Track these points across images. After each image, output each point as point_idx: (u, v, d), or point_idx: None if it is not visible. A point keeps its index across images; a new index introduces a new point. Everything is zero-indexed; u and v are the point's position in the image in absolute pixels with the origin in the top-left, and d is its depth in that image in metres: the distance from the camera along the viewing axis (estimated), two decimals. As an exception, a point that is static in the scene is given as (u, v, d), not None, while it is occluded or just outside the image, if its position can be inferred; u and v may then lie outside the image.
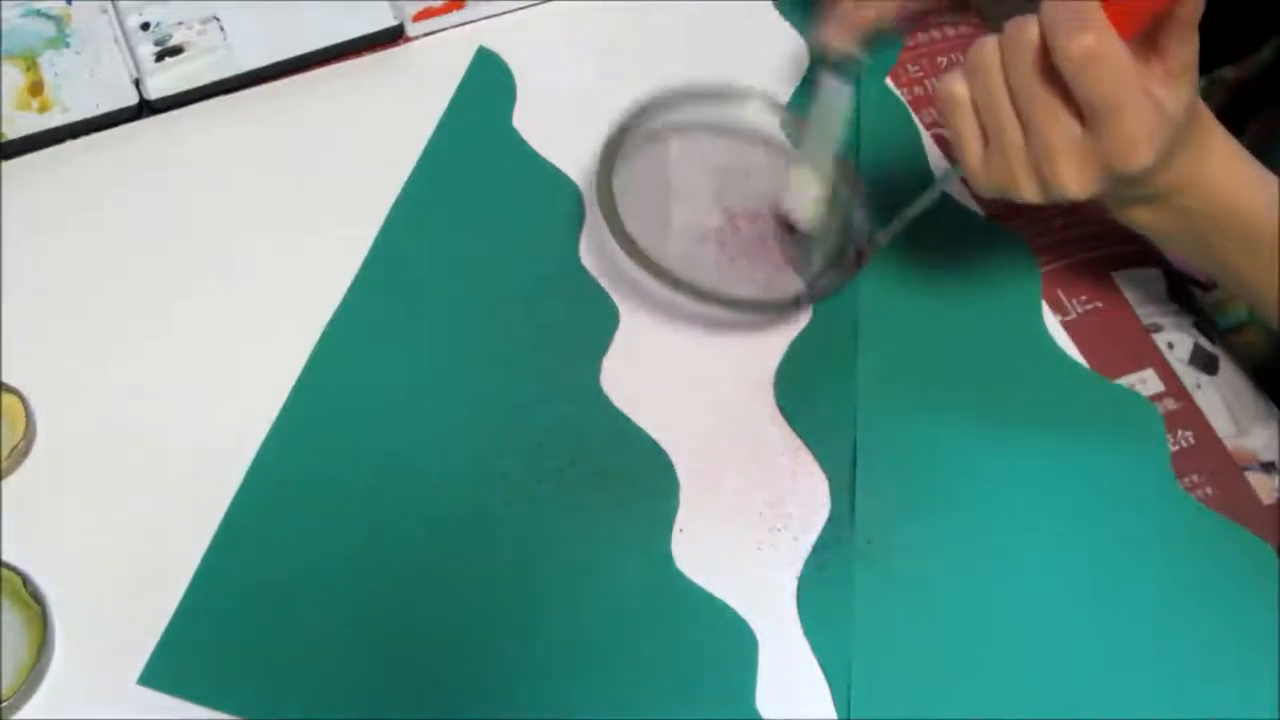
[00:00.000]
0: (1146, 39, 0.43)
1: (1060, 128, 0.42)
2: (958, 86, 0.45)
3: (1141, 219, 0.49)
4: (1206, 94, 0.75)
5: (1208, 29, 0.44)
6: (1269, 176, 0.48)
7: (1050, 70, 0.41)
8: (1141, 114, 0.41)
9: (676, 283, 0.53)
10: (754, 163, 0.60)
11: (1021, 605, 0.50)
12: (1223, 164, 0.47)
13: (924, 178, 0.62)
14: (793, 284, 0.57)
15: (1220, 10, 0.48)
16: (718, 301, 0.53)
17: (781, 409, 0.54)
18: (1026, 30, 0.42)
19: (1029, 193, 0.45)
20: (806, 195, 0.57)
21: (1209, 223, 0.48)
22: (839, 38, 0.55)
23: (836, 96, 0.55)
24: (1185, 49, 0.43)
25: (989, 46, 0.43)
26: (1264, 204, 0.47)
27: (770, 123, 0.59)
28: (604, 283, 0.57)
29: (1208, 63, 0.73)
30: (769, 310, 0.56)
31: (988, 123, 0.44)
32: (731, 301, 0.54)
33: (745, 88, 0.59)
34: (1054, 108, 0.42)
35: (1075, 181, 0.43)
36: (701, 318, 0.56)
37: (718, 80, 0.59)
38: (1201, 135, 0.46)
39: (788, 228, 0.58)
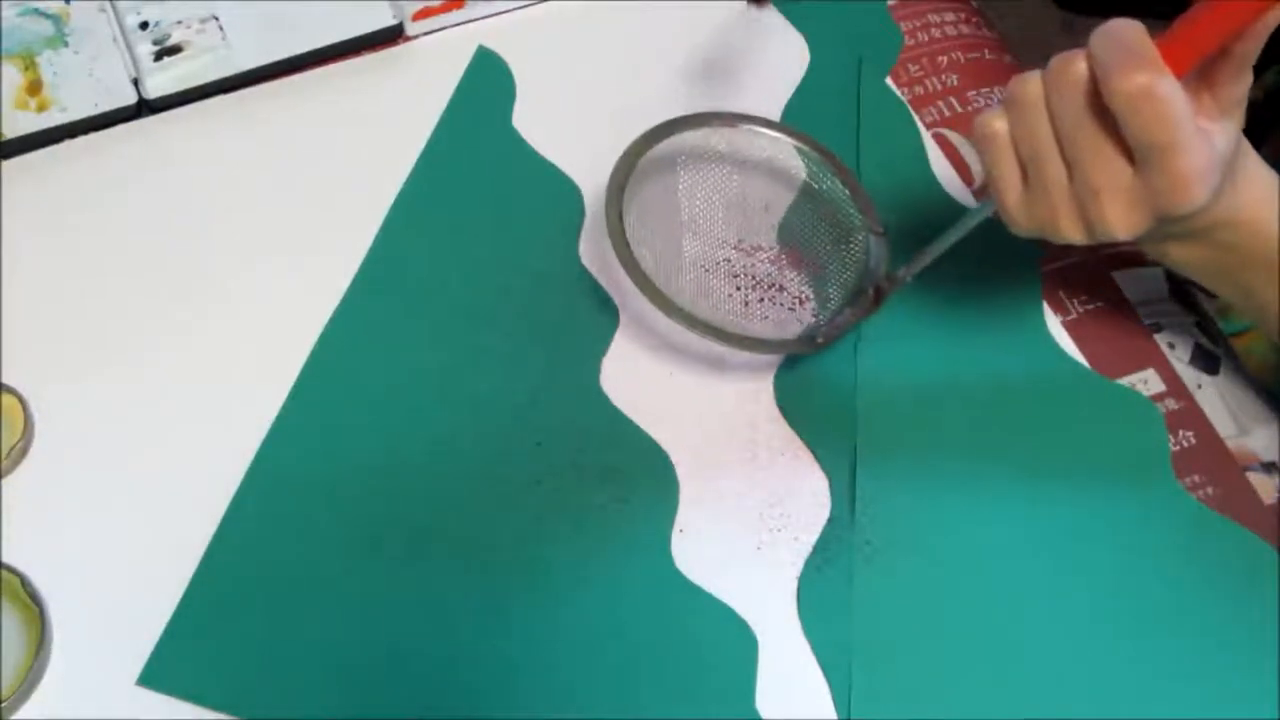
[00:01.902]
0: (1200, 74, 0.41)
1: (1109, 167, 0.41)
2: (997, 122, 0.43)
3: (1176, 255, 0.47)
4: None
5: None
6: None
7: (1099, 107, 0.40)
8: (1195, 154, 0.40)
9: (694, 323, 0.51)
10: (767, 194, 0.59)
11: (1021, 605, 0.50)
12: (1261, 196, 0.45)
13: (925, 178, 0.62)
14: (807, 320, 0.56)
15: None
16: (736, 343, 0.52)
17: (782, 409, 0.54)
18: (1074, 66, 0.41)
19: (1072, 234, 0.43)
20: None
21: (1244, 256, 0.46)
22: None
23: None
24: (1238, 85, 0.42)
25: (1033, 81, 0.42)
26: None
27: (784, 150, 0.58)
28: (604, 283, 0.57)
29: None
30: (788, 349, 0.54)
31: (1029, 161, 0.43)
32: (750, 342, 0.52)
33: (757, 116, 0.58)
34: (1102, 146, 0.41)
35: (1122, 222, 0.42)
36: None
37: (728, 106, 0.58)
38: (1245, 169, 0.44)
39: (802, 267, 0.56)
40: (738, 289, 0.56)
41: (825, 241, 0.57)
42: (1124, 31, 0.40)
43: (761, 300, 0.56)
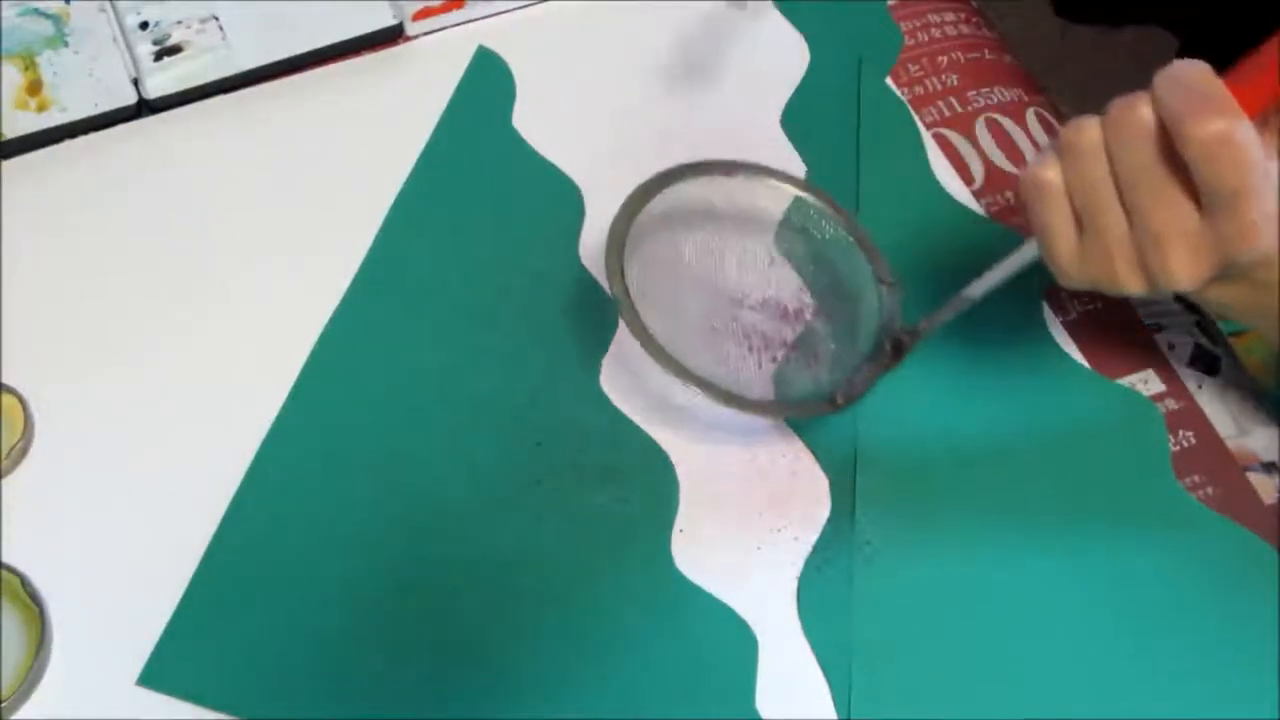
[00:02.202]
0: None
1: (1174, 214, 0.39)
2: (1049, 172, 0.42)
3: (1215, 295, 0.45)
4: None
5: (1218, 56, 0.42)
6: None
7: (1167, 153, 0.39)
8: (1266, 198, 0.38)
9: (714, 392, 0.49)
10: (771, 247, 0.57)
11: (1021, 605, 0.50)
12: None
13: (925, 179, 0.62)
14: (823, 378, 0.53)
15: (1228, 38, 0.47)
16: (755, 409, 0.51)
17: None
18: (1140, 111, 0.39)
19: (1131, 285, 0.42)
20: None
21: None
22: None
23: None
24: None
25: (1091, 129, 0.41)
26: None
27: (786, 201, 0.56)
28: (604, 283, 0.57)
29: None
30: (806, 413, 0.53)
31: (1087, 211, 0.41)
32: (766, 407, 0.51)
33: (755, 164, 0.56)
34: (1169, 192, 0.39)
35: (1186, 271, 0.40)
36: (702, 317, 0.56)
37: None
38: None
39: (806, 325, 0.55)
40: (750, 350, 0.54)
41: (835, 295, 0.55)
42: (1193, 74, 0.39)
43: (774, 360, 0.54)
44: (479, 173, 0.60)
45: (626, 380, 0.54)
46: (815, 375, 0.54)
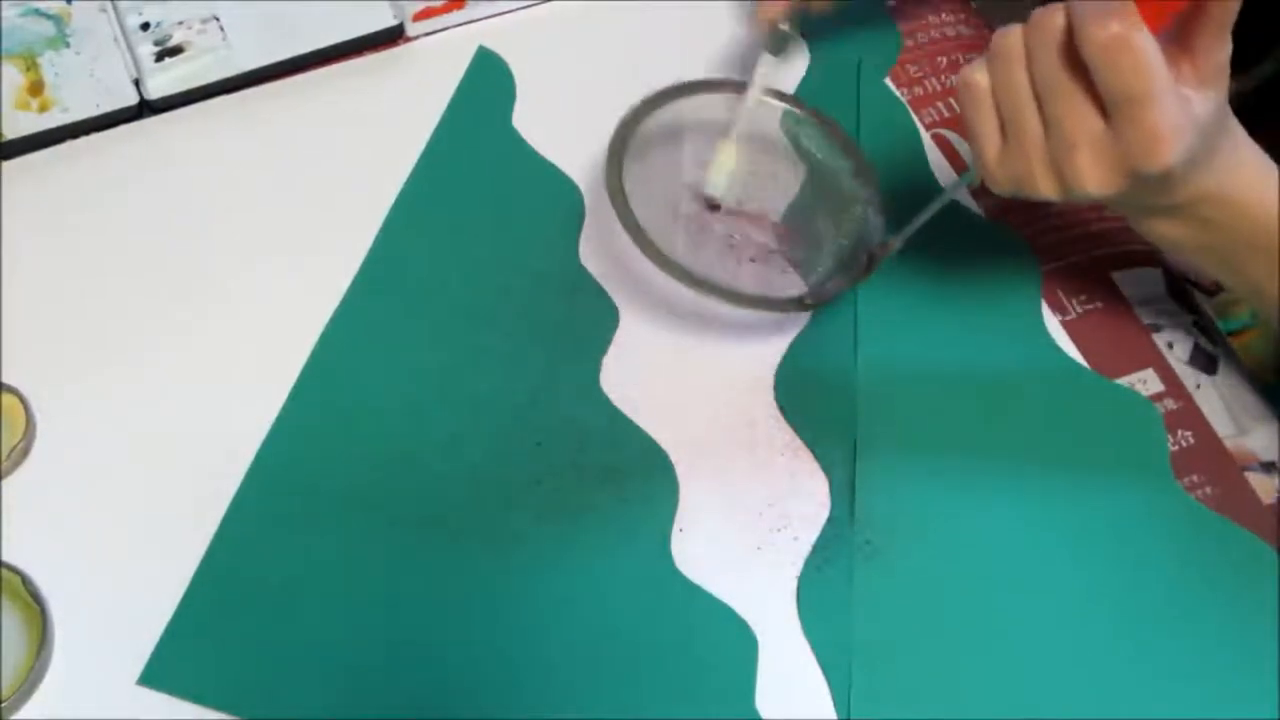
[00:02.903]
0: (1178, 40, 0.42)
1: (1083, 120, 0.41)
2: (978, 75, 0.44)
3: (1165, 231, 0.47)
4: None
5: None
6: None
7: (1075, 61, 0.41)
8: (1167, 110, 0.40)
9: (681, 274, 0.52)
10: (767, 162, 0.59)
11: (1021, 605, 0.50)
12: (1252, 177, 0.45)
13: (924, 178, 0.62)
14: (799, 285, 0.56)
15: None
16: (721, 295, 0.52)
17: (781, 409, 0.54)
18: (1053, 17, 0.41)
19: (1046, 189, 0.43)
20: (724, 169, 0.56)
21: (1234, 236, 0.46)
22: (771, 11, 0.56)
23: (762, 66, 0.56)
24: (1217, 52, 0.42)
25: (1013, 34, 0.42)
26: None
27: (786, 120, 0.59)
28: (604, 283, 0.57)
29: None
30: (772, 308, 0.55)
31: (1007, 114, 0.43)
32: (735, 296, 0.53)
33: (755, 80, 0.58)
34: (1077, 99, 0.41)
35: (1095, 179, 0.42)
36: (702, 317, 0.56)
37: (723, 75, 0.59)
38: (1231, 147, 0.45)
39: (796, 236, 0.57)
40: (731, 248, 0.57)
41: (823, 210, 0.57)
42: None
43: (754, 261, 0.57)
44: (479, 173, 0.60)
45: (626, 380, 0.54)
46: (793, 281, 0.56)
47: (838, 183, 0.57)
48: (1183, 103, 0.41)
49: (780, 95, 0.59)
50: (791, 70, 0.65)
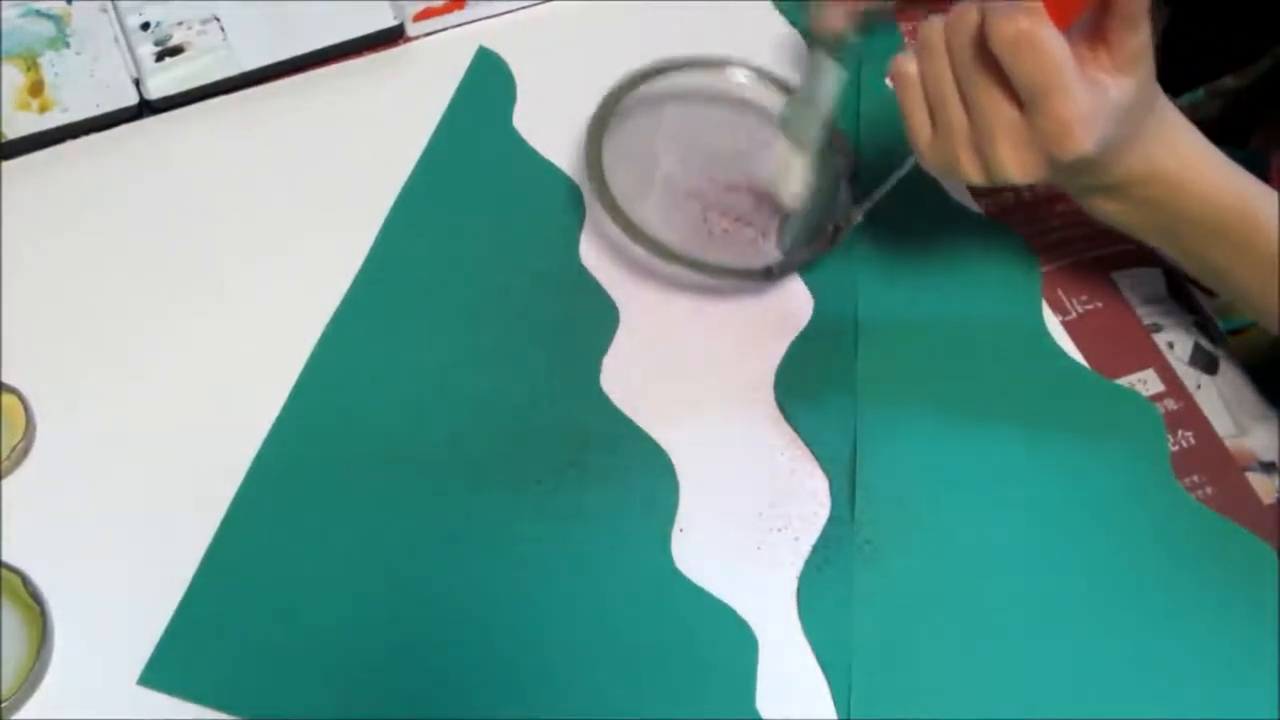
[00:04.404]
0: (1093, 30, 0.43)
1: (999, 110, 0.43)
2: (909, 65, 0.45)
3: (1107, 210, 0.49)
4: (1205, 103, 0.76)
5: (1210, 41, 0.43)
6: (1236, 168, 0.48)
7: (990, 54, 0.42)
8: (1074, 99, 0.41)
9: (648, 243, 0.53)
10: (743, 134, 0.61)
11: (1021, 605, 0.50)
12: (1186, 156, 0.47)
13: (925, 183, 0.62)
14: (770, 255, 0.57)
15: (1221, 22, 0.48)
16: (689, 264, 0.54)
17: (781, 409, 0.54)
18: (968, 13, 0.42)
19: (971, 174, 0.45)
20: (793, 175, 0.56)
21: (1176, 214, 0.48)
22: (833, 18, 0.55)
23: (829, 77, 0.55)
24: (1132, 38, 0.43)
25: (936, 27, 0.44)
26: (1231, 193, 0.47)
27: (761, 94, 0.61)
28: (604, 283, 0.57)
29: (1209, 73, 0.73)
30: (739, 278, 0.56)
31: (934, 103, 0.45)
32: (702, 266, 0.54)
33: (743, 60, 0.60)
34: (993, 90, 0.43)
35: (1014, 165, 0.44)
36: (702, 317, 0.56)
37: (709, 52, 0.61)
38: (1161, 127, 0.46)
39: (772, 204, 0.58)
40: (704, 220, 0.58)
41: (794, 186, 0.57)
42: None
43: (726, 231, 0.58)
44: (479, 173, 0.60)
45: (626, 380, 0.54)
46: (765, 251, 0.58)
47: (819, 162, 0.58)
48: (1096, 91, 0.42)
49: (761, 71, 0.61)
50: (791, 70, 0.65)
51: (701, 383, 0.55)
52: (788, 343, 0.56)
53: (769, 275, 0.56)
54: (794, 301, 0.57)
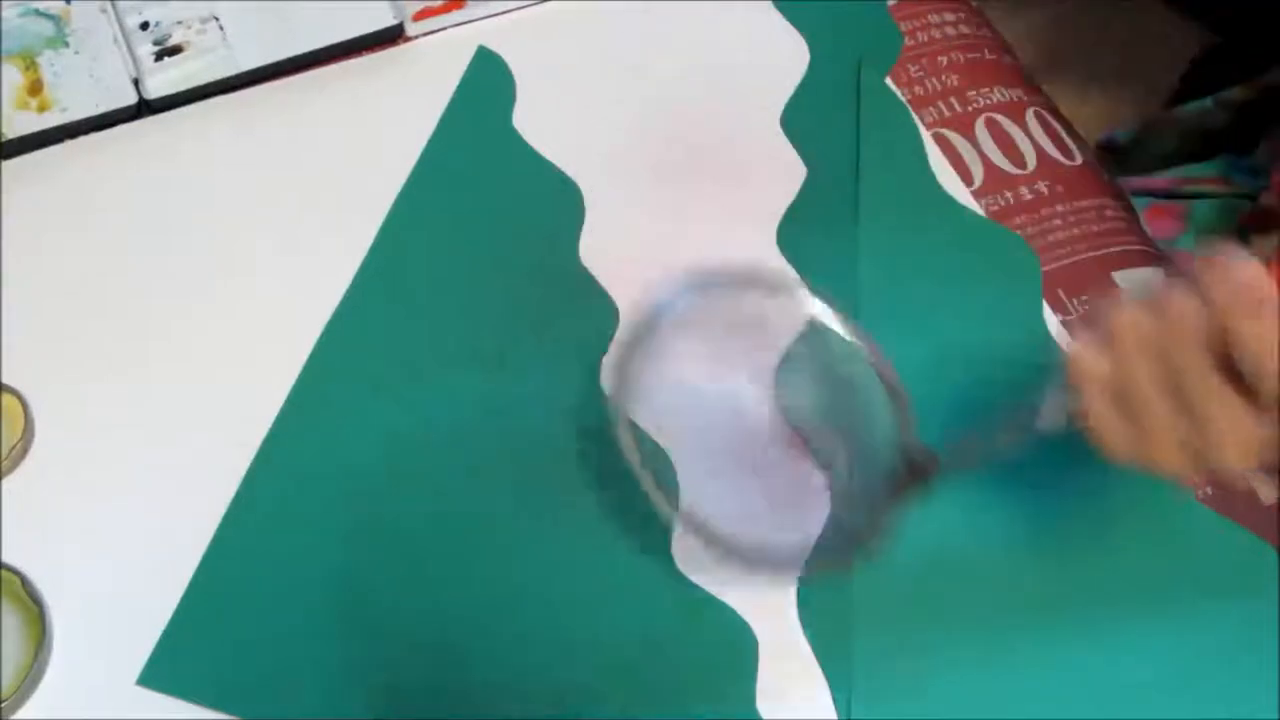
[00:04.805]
0: None
1: (1229, 415, 0.38)
2: (1097, 364, 0.40)
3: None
4: (1213, 113, 0.76)
5: (1219, 56, 0.42)
6: None
7: (1221, 351, 0.38)
8: None
9: (721, 549, 0.46)
10: (771, 369, 0.52)
11: (1021, 604, 0.50)
12: None
13: (924, 178, 0.62)
14: (841, 519, 0.49)
15: (1229, 36, 0.47)
16: (785, 571, 0.47)
17: (781, 408, 0.54)
18: (1188, 310, 0.38)
19: (1181, 470, 0.40)
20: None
21: None
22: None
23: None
24: None
25: (1140, 325, 0.39)
26: None
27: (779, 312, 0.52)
28: (604, 283, 0.57)
29: (1215, 85, 0.74)
30: (841, 566, 0.48)
31: (1134, 402, 0.40)
32: (799, 566, 0.47)
33: (789, 278, 0.53)
34: (1224, 394, 0.38)
35: (1242, 461, 0.39)
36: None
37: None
38: None
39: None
40: (760, 479, 0.50)
41: (843, 415, 0.51)
42: (1247, 273, 0.38)
43: (788, 496, 0.50)
44: (479, 173, 0.60)
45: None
46: (834, 511, 0.49)
47: (858, 383, 0.50)
48: None
49: (764, 277, 0.52)
50: (792, 70, 0.65)
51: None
52: (789, 343, 0.56)
53: (869, 556, 0.47)
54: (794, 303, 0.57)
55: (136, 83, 0.60)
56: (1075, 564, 0.51)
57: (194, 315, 0.55)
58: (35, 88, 0.59)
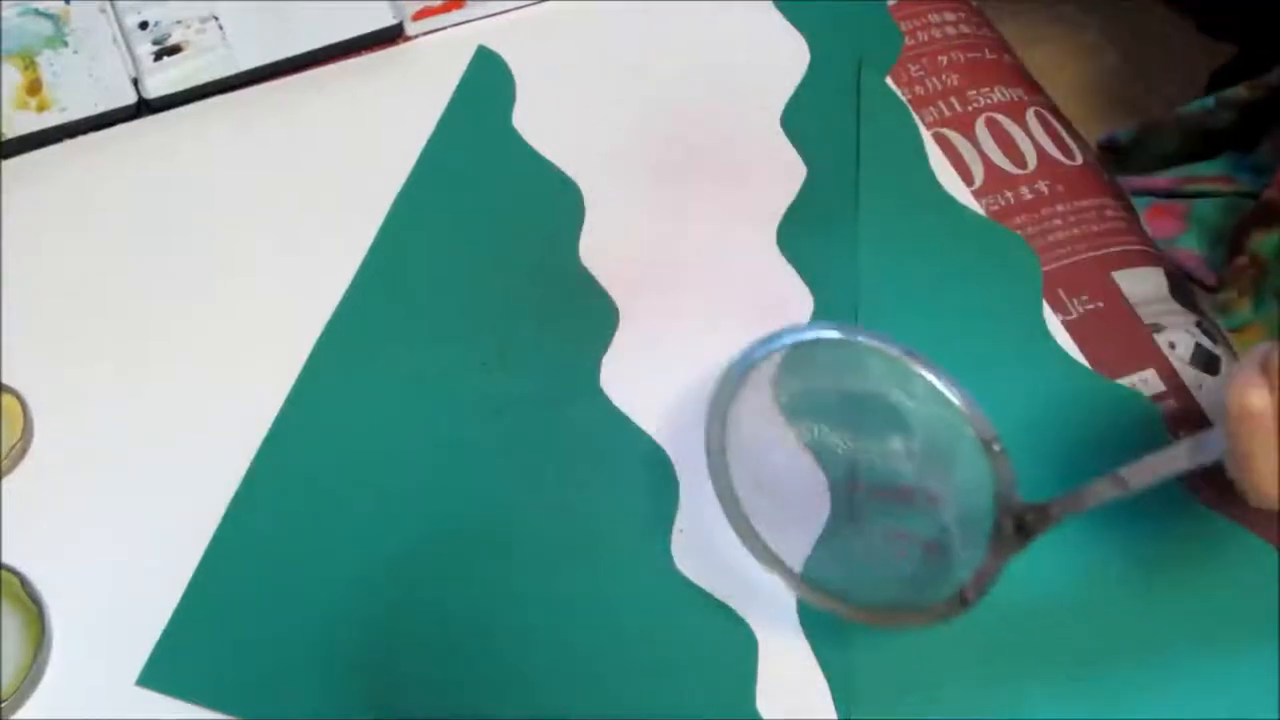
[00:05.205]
0: None
1: None
2: (1258, 401, 0.38)
3: None
4: (1216, 113, 0.76)
5: (1239, 66, 0.41)
6: None
7: None
8: None
9: (834, 602, 0.45)
10: (862, 418, 0.51)
11: (1020, 604, 0.50)
12: None
13: (925, 178, 0.62)
14: (942, 566, 0.48)
15: (1237, 37, 0.47)
16: (888, 619, 0.46)
17: (781, 409, 0.54)
18: None
19: None
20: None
21: None
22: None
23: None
24: None
25: None
26: None
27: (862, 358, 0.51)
28: (604, 283, 0.57)
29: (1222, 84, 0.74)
30: (940, 618, 0.46)
31: None
32: (896, 615, 0.46)
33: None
34: None
35: None
36: (702, 317, 0.56)
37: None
38: None
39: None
40: (858, 535, 0.49)
41: (938, 464, 0.50)
42: None
43: (899, 554, 0.48)
44: (479, 173, 0.60)
45: (626, 380, 0.54)
46: (933, 563, 0.48)
47: (949, 434, 0.50)
48: None
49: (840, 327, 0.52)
50: (792, 70, 0.65)
51: (702, 383, 0.55)
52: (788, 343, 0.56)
53: (966, 604, 0.46)
54: (794, 301, 0.57)
55: (136, 82, 0.60)
56: (1075, 564, 0.51)
57: (194, 315, 0.55)
58: (34, 87, 0.59)
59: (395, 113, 0.61)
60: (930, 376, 0.51)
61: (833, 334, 0.52)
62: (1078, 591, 0.50)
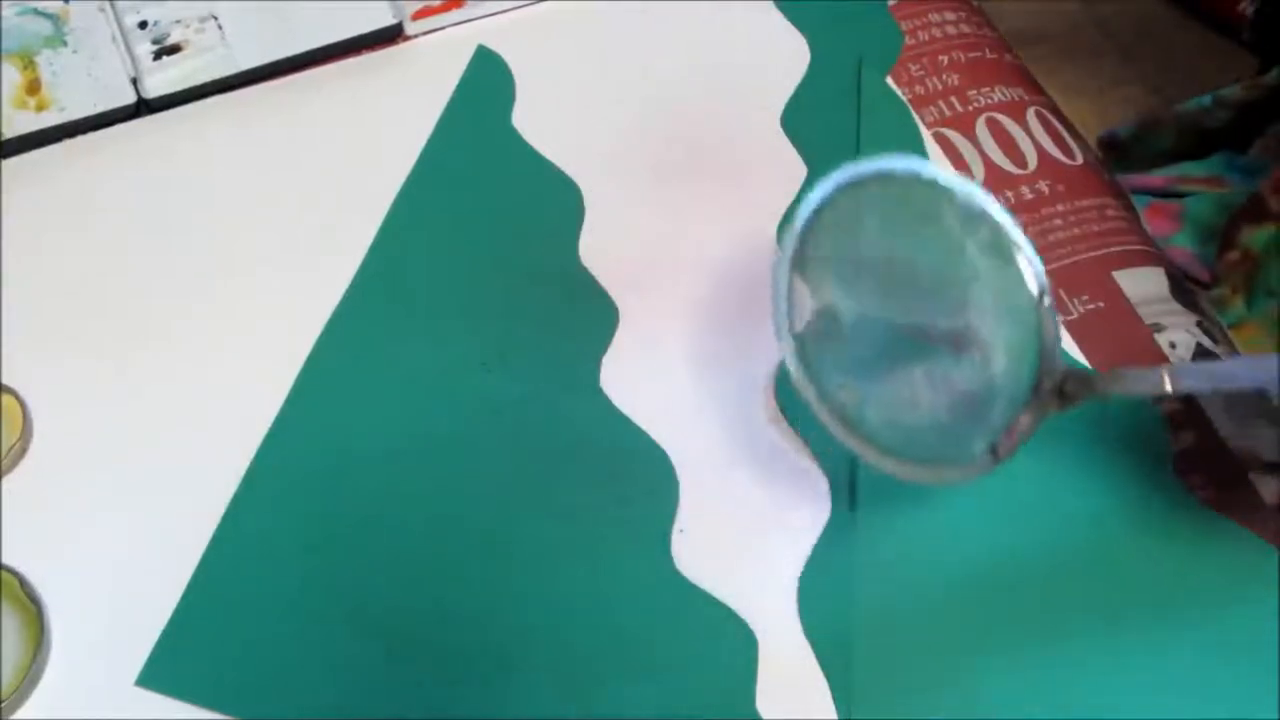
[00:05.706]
0: None
1: None
2: None
3: None
4: (1212, 112, 0.76)
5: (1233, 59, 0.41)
6: None
7: None
8: None
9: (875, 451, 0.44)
10: (924, 257, 0.48)
11: (1021, 605, 0.50)
12: None
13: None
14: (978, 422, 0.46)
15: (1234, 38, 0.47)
16: (907, 473, 0.45)
17: (782, 409, 0.54)
18: None
19: None
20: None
21: None
22: None
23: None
24: None
25: None
26: None
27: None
28: (604, 283, 0.57)
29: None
30: (971, 475, 0.45)
31: None
32: (917, 470, 0.45)
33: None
34: None
35: None
36: (702, 317, 0.56)
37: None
38: None
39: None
40: (903, 380, 0.46)
41: (989, 312, 0.46)
42: None
43: (939, 401, 0.46)
44: (479, 173, 0.60)
45: (626, 380, 0.54)
46: (971, 415, 0.46)
47: (1004, 278, 0.47)
48: None
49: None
50: (792, 70, 0.65)
51: (701, 382, 0.55)
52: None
53: (995, 460, 0.44)
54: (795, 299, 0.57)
55: (135, 82, 0.60)
56: (1075, 565, 0.51)
57: (194, 315, 0.55)
58: (33, 87, 0.59)
59: (395, 112, 0.61)
60: (1001, 220, 0.47)
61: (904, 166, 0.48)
62: (1078, 593, 0.50)
